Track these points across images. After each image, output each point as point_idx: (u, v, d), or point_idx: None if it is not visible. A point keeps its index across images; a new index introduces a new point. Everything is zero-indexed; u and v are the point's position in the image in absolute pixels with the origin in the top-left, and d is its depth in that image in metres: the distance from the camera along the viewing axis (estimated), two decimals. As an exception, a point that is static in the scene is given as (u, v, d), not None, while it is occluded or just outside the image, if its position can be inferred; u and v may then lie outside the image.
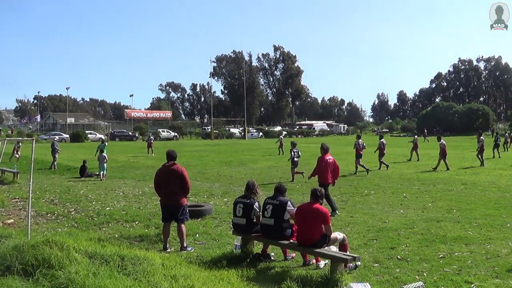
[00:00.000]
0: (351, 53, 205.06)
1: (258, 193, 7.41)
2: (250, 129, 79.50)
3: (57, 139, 25.05)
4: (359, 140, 19.74)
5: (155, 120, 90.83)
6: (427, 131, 59.37)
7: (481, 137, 22.44)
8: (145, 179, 17.25)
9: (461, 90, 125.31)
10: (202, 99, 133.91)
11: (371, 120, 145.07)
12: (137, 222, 9.82)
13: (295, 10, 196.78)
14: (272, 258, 7.06)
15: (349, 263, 6.17)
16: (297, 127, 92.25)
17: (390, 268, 6.48)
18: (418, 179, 17.10)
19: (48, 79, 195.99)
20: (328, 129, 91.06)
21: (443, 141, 20.47)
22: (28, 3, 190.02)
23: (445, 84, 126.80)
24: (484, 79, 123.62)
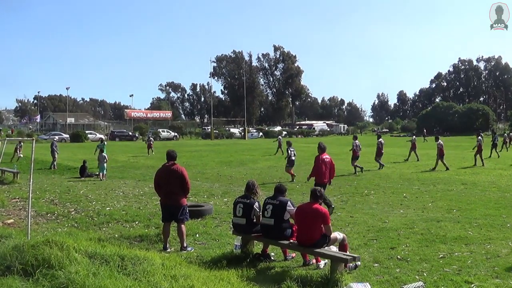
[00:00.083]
0: (351, 53, 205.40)
1: (258, 193, 7.40)
2: (250, 129, 79.48)
3: (56, 139, 25.01)
4: (356, 141, 19.80)
5: (155, 120, 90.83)
6: (427, 131, 59.44)
7: (479, 137, 22.44)
8: (145, 179, 17.26)
9: (461, 90, 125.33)
10: (202, 99, 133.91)
11: (371, 120, 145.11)
12: (137, 222, 9.82)
13: (295, 10, 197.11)
14: (272, 258, 7.06)
15: (349, 263, 6.18)
16: (297, 127, 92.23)
17: (390, 268, 6.48)
18: (418, 179, 17.11)
19: (48, 79, 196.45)
20: (328, 129, 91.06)
21: (441, 141, 20.42)
22: (28, 3, 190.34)
23: (445, 84, 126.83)
24: (484, 79, 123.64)
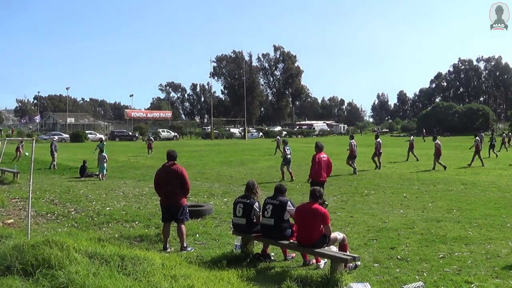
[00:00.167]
0: (351, 53, 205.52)
1: (258, 193, 7.40)
2: (250, 129, 79.46)
3: (56, 139, 24.96)
4: (353, 140, 19.84)
5: (155, 120, 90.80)
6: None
7: (477, 138, 22.54)
8: (145, 179, 17.26)
9: (461, 90, 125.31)
10: (202, 99, 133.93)
11: (371, 120, 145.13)
12: (137, 222, 9.82)
13: (295, 10, 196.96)
14: (272, 258, 7.05)
15: (349, 263, 6.17)
16: (297, 127, 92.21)
17: (390, 268, 6.48)
18: (418, 179, 17.11)
19: (48, 79, 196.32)
20: (328, 129, 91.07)
21: (438, 141, 20.55)
22: (28, 3, 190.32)
23: (445, 84, 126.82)
24: (484, 79, 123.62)
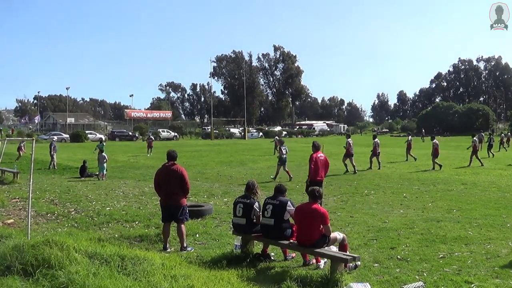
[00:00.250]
0: (351, 53, 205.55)
1: (258, 193, 7.40)
2: (250, 129, 79.45)
3: (55, 140, 24.90)
4: (349, 139, 19.97)
5: (155, 120, 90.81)
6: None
7: (474, 138, 22.69)
8: (145, 179, 17.26)
9: (461, 90, 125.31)
10: (202, 99, 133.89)
11: (371, 120, 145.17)
12: (137, 222, 9.81)
13: (295, 10, 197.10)
14: (272, 258, 7.05)
15: (349, 263, 6.17)
16: (297, 127, 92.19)
17: (390, 268, 6.48)
18: (418, 179, 17.11)
19: (48, 79, 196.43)
20: (328, 129, 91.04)
21: (436, 141, 20.74)
22: (28, 3, 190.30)
23: (445, 84, 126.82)
24: (484, 79, 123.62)
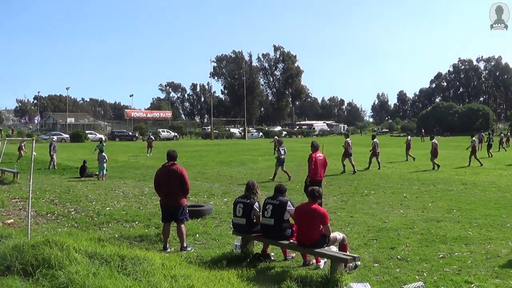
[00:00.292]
0: (351, 53, 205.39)
1: (258, 193, 7.40)
2: (250, 129, 79.43)
3: (55, 140, 24.85)
4: (348, 139, 20.04)
5: (155, 120, 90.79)
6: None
7: (473, 138, 22.88)
8: (145, 179, 17.26)
9: (461, 90, 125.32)
10: (202, 99, 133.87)
11: (371, 120, 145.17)
12: (137, 222, 9.81)
13: (295, 10, 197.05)
14: (272, 258, 7.05)
15: (349, 263, 6.17)
16: (297, 127, 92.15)
17: (390, 268, 6.48)
18: (418, 179, 17.11)
19: (48, 79, 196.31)
20: (328, 129, 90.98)
21: (435, 141, 20.85)
22: (28, 3, 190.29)
23: (445, 84, 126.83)
24: (484, 79, 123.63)
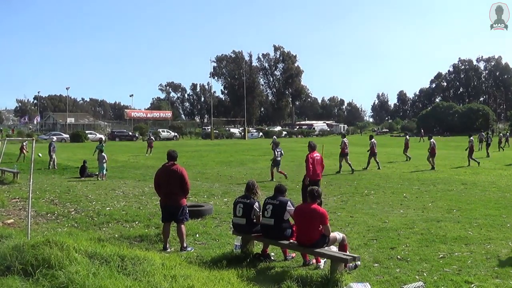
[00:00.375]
0: (351, 53, 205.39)
1: (258, 193, 7.40)
2: (250, 129, 79.44)
3: (55, 140, 24.81)
4: (344, 139, 20.08)
5: (155, 120, 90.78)
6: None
7: (471, 138, 23.03)
8: (145, 179, 17.26)
9: (461, 90, 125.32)
10: (202, 99, 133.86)
11: (371, 120, 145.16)
12: (137, 222, 9.81)
13: (295, 10, 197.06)
14: (272, 258, 7.05)
15: (349, 263, 6.17)
16: (297, 127, 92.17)
17: (390, 268, 6.48)
18: (418, 179, 17.11)
19: (48, 79, 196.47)
20: (328, 129, 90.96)
21: (433, 140, 20.89)
22: (28, 3, 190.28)
23: (445, 84, 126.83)
24: (484, 79, 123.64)
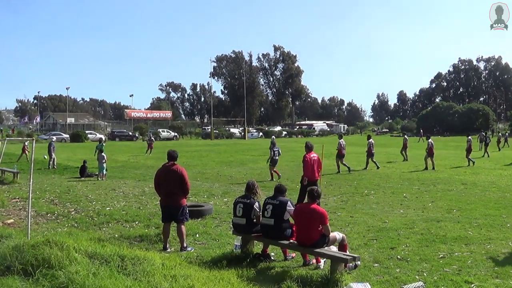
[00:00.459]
0: (351, 53, 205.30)
1: (258, 193, 7.40)
2: (250, 129, 79.45)
3: (54, 140, 24.80)
4: (341, 140, 20.03)
5: (155, 120, 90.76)
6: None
7: (469, 137, 23.01)
8: (145, 179, 17.25)
9: (461, 90, 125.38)
10: (202, 99, 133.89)
11: (371, 120, 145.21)
12: (137, 222, 9.81)
13: (295, 10, 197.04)
14: (272, 258, 7.05)
15: (349, 263, 6.18)
16: (297, 127, 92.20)
17: (390, 268, 6.48)
18: (418, 179, 17.11)
19: (48, 79, 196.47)
20: (328, 129, 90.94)
21: (431, 140, 20.96)
22: (28, 3, 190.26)
23: (445, 84, 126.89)
24: (484, 79, 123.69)
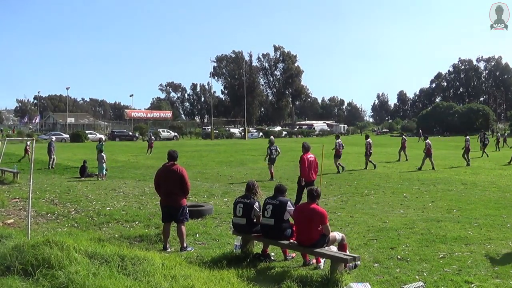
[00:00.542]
0: (351, 53, 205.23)
1: (258, 193, 7.40)
2: (250, 129, 79.44)
3: (54, 140, 24.79)
4: (339, 140, 20.04)
5: (155, 120, 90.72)
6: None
7: (467, 137, 23.14)
8: (145, 179, 17.26)
9: (461, 90, 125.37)
10: (202, 99, 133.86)
11: (371, 120, 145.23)
12: (137, 222, 9.82)
13: (295, 10, 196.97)
14: (272, 258, 7.06)
15: (349, 263, 6.18)
16: (297, 127, 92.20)
17: (390, 268, 6.48)
18: (418, 179, 17.10)
19: (48, 79, 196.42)
20: (328, 129, 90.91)
21: (429, 141, 21.05)
22: (28, 3, 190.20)
23: (445, 84, 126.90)
24: (484, 79, 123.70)
